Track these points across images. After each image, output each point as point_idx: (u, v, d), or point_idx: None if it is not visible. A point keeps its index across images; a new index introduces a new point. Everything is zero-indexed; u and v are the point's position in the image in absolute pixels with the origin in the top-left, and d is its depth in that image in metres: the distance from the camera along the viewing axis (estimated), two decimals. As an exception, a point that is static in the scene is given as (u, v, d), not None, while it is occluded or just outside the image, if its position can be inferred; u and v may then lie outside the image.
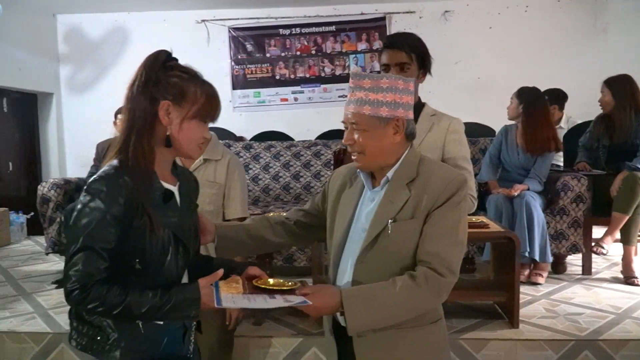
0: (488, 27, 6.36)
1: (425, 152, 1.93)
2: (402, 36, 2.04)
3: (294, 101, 6.48)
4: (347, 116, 1.39)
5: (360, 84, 1.37)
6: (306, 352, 2.57)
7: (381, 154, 1.39)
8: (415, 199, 1.36)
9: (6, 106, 5.95)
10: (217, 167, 2.15)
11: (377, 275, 1.35)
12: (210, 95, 1.34)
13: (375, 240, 1.37)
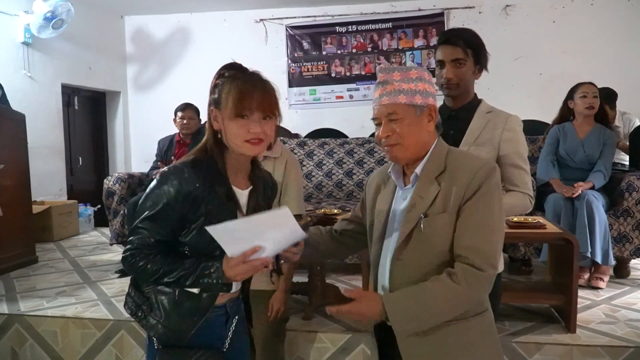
0: (551, 22, 6.13)
1: (480, 151, 1.89)
2: (458, 31, 2.01)
3: (349, 98, 6.49)
4: (381, 110, 1.40)
5: (390, 76, 1.40)
6: (354, 349, 2.58)
7: (417, 143, 1.40)
8: (445, 193, 1.36)
9: (77, 104, 6.30)
10: (276, 164, 2.19)
11: (415, 271, 1.36)
12: (239, 90, 1.32)
13: (409, 236, 1.37)
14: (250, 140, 1.32)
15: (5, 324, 2.87)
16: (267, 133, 1.34)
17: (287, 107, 6.55)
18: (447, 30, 2.08)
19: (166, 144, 4.14)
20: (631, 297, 3.10)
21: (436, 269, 1.35)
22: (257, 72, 1.37)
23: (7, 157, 3.73)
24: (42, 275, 3.69)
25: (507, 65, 6.07)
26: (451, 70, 1.91)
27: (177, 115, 4.08)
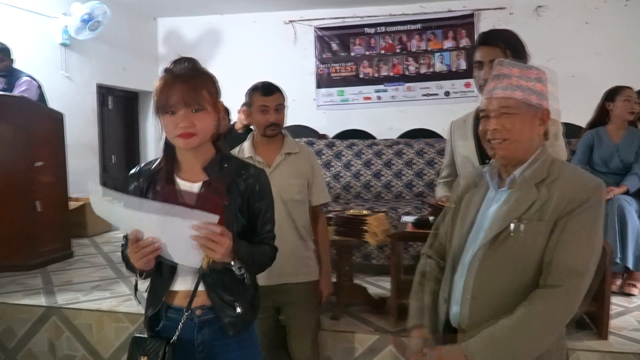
0: (584, 23, 6.03)
1: None
2: (497, 32, 2.00)
3: (377, 100, 6.50)
4: (493, 103, 1.36)
5: (508, 71, 1.36)
6: (382, 350, 2.59)
7: (525, 144, 1.35)
8: (544, 201, 1.30)
9: (111, 104, 6.46)
10: (298, 159, 2.25)
11: (495, 276, 1.31)
12: (160, 87, 1.34)
13: (494, 239, 1.32)
14: (180, 134, 1.32)
15: (44, 316, 2.97)
16: (197, 126, 1.32)
17: (315, 107, 6.59)
18: (486, 31, 2.07)
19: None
20: (665, 305, 3.04)
21: (519, 279, 1.29)
22: (189, 65, 1.37)
23: (46, 155, 3.86)
24: (78, 270, 3.81)
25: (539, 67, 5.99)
26: (481, 71, 1.92)
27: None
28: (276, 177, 2.16)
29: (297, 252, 2.23)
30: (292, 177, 2.20)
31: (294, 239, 2.21)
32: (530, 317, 1.25)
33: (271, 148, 2.25)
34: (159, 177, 1.40)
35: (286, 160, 2.23)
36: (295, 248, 2.22)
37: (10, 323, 3.01)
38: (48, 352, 2.96)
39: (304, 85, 6.52)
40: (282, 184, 2.16)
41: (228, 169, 1.42)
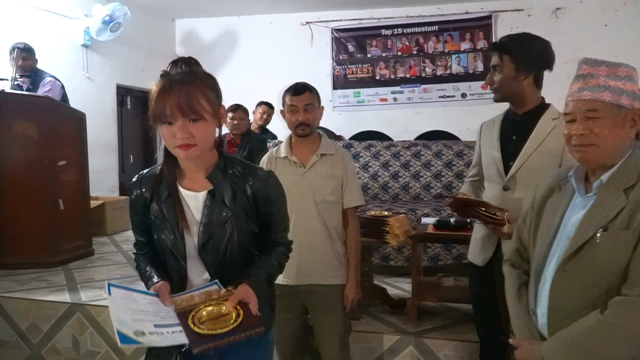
0: (603, 25, 6.00)
1: (542, 159, 1.87)
2: (502, 38, 2.02)
3: (393, 101, 6.50)
4: (578, 105, 1.29)
5: (595, 70, 1.29)
6: (403, 350, 2.60)
7: (614, 148, 1.27)
8: (633, 208, 1.22)
9: (130, 104, 6.54)
10: (333, 160, 2.23)
11: (580, 287, 1.26)
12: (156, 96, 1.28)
13: (580, 249, 1.26)
14: (179, 146, 1.26)
15: (68, 312, 3.02)
16: (197, 136, 1.26)
17: (330, 109, 6.61)
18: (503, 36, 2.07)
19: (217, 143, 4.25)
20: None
21: (605, 290, 1.23)
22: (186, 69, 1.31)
23: (68, 154, 3.92)
24: (99, 267, 3.86)
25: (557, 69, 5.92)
26: (490, 76, 1.95)
27: (228, 116, 4.18)
28: (310, 177, 2.19)
29: (326, 254, 2.21)
30: (326, 178, 2.20)
31: (324, 240, 2.20)
32: (606, 325, 1.19)
33: (307, 148, 2.24)
34: (162, 187, 1.37)
35: (321, 161, 2.22)
36: (325, 250, 2.21)
37: (35, 319, 3.06)
38: (72, 347, 3.01)
39: (320, 86, 6.36)
40: (315, 185, 2.18)
41: (233, 174, 1.36)
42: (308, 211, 2.19)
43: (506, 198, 1.93)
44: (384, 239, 2.68)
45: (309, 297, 2.24)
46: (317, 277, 2.20)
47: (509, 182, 1.93)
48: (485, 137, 2.11)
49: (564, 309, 1.28)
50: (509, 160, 1.95)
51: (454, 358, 2.53)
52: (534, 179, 1.88)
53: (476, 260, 2.06)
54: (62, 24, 5.16)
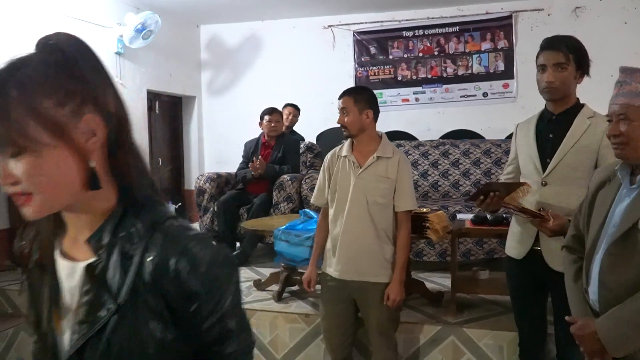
0: (623, 23, 6.05)
1: (579, 155, 1.98)
2: (560, 37, 2.10)
3: (415, 101, 6.61)
4: (614, 109, 1.46)
5: (630, 77, 1.44)
6: (445, 340, 2.74)
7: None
8: None
9: (158, 108, 6.72)
10: (389, 164, 2.35)
11: (626, 270, 1.41)
12: None
13: (625, 235, 1.40)
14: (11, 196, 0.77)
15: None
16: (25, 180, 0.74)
17: (354, 110, 6.74)
18: (550, 36, 2.17)
19: (252, 145, 4.41)
20: None
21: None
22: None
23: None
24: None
25: (577, 67, 6.05)
26: (552, 74, 1.99)
27: (265, 118, 4.33)
28: (365, 178, 2.32)
29: (374, 253, 2.33)
30: (379, 180, 2.32)
31: (372, 240, 2.32)
32: None
33: (366, 150, 2.37)
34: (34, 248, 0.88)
35: (377, 163, 2.34)
36: (373, 249, 2.33)
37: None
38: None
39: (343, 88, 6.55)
40: (368, 186, 2.31)
41: (126, 237, 0.80)
42: (359, 211, 2.32)
43: (545, 193, 2.03)
44: (425, 234, 2.81)
45: (357, 292, 2.38)
46: (363, 275, 2.34)
47: (547, 177, 2.04)
48: (522, 136, 2.22)
49: (613, 289, 1.44)
50: (546, 157, 2.05)
51: (494, 347, 2.66)
52: (570, 174, 2.01)
53: (514, 253, 2.16)
54: (98, 33, 5.34)
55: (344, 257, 2.36)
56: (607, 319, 1.43)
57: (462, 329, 2.71)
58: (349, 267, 2.36)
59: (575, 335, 1.52)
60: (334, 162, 2.44)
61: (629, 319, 1.39)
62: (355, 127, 2.37)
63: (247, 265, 3.97)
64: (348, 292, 2.39)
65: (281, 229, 3.00)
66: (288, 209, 3.98)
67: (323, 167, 2.49)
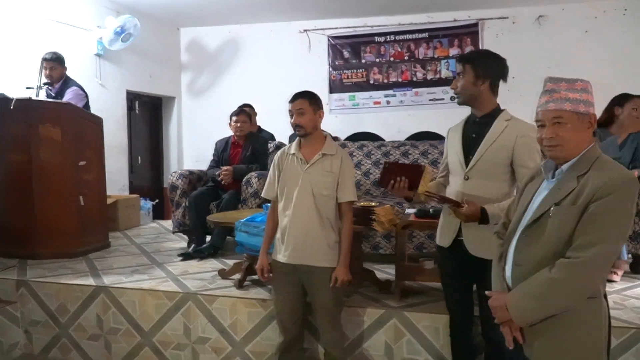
0: (584, 31, 6.35)
1: (496, 153, 2.25)
2: (470, 52, 2.43)
3: (386, 104, 6.90)
4: (546, 114, 1.63)
5: (557, 86, 1.63)
6: (387, 322, 2.98)
7: (573, 146, 1.60)
8: (580, 190, 1.54)
9: (138, 109, 6.94)
10: (332, 160, 2.60)
11: (535, 249, 1.62)
12: None
13: (538, 219, 1.62)
14: None
15: (93, 294, 3.41)
16: None
17: (327, 112, 7.00)
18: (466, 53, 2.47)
19: (222, 145, 4.64)
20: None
21: (554, 252, 1.57)
22: None
23: (88, 155, 4.31)
24: (117, 257, 4.25)
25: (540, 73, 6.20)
26: (454, 82, 2.33)
27: (232, 119, 4.56)
28: (311, 173, 2.58)
29: (319, 240, 2.58)
30: (323, 175, 2.57)
31: (318, 228, 2.57)
32: (553, 280, 1.52)
33: (312, 148, 2.62)
34: None
35: (322, 159, 2.59)
36: (318, 236, 2.57)
37: (64, 300, 3.45)
38: (96, 325, 3.40)
39: (318, 90, 6.61)
40: (314, 179, 2.56)
41: None
42: (306, 202, 2.57)
43: (466, 186, 2.30)
44: (371, 226, 3.06)
45: (304, 275, 2.62)
46: (310, 260, 2.58)
47: (469, 172, 2.30)
48: (452, 137, 2.48)
49: (522, 265, 1.66)
50: (469, 154, 2.32)
51: (431, 328, 2.91)
52: (489, 169, 2.29)
53: (442, 242, 2.43)
54: (78, 35, 5.55)
55: (292, 244, 2.61)
56: (515, 292, 1.66)
57: (403, 313, 2.96)
58: (297, 253, 2.60)
59: (490, 307, 1.74)
60: (283, 160, 2.69)
61: (532, 292, 1.59)
62: (310, 125, 2.62)
63: (216, 257, 4.21)
64: (297, 277, 2.64)
65: (242, 221, 3.24)
66: (255, 204, 4.21)
67: (273, 164, 2.73)
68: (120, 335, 3.36)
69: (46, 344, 3.51)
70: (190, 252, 4.20)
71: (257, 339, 3.15)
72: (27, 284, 3.54)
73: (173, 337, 3.27)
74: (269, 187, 2.74)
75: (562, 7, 6.39)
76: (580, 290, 1.55)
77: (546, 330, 1.61)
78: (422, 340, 2.92)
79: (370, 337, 3.00)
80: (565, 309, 1.57)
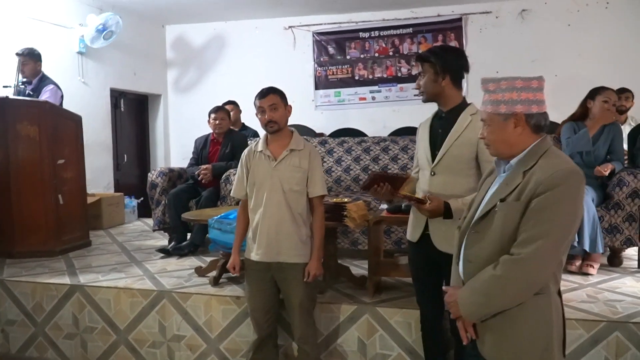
0: (567, 25, 6.37)
1: (461, 148, 2.25)
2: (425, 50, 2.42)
3: (371, 100, 6.90)
4: (482, 115, 1.70)
5: (485, 88, 1.67)
6: (360, 318, 2.99)
7: (503, 145, 1.63)
8: (524, 184, 1.54)
9: (123, 106, 6.92)
10: (301, 155, 2.60)
11: (483, 244, 1.63)
12: None
13: (486, 215, 1.63)
14: None
15: (69, 293, 3.41)
16: None
17: (313, 108, 7.01)
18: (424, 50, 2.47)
19: (202, 142, 4.64)
20: (618, 283, 3.34)
21: (500, 248, 1.58)
22: None
23: (67, 153, 4.31)
24: (96, 256, 4.25)
25: (524, 67, 6.31)
26: (417, 82, 2.35)
27: (210, 117, 4.55)
28: (280, 169, 2.57)
29: (291, 236, 2.58)
30: (293, 170, 2.56)
31: (289, 224, 2.57)
32: (497, 277, 1.53)
33: (279, 144, 2.61)
34: None
35: (290, 155, 2.58)
36: (290, 232, 2.57)
37: (40, 299, 3.46)
38: (72, 324, 3.40)
39: (303, 86, 6.95)
40: (283, 176, 2.55)
41: None
42: (277, 198, 2.57)
43: (433, 181, 2.30)
44: (343, 221, 3.06)
45: (277, 272, 2.62)
46: (283, 256, 2.58)
47: (435, 168, 2.30)
48: (421, 132, 2.48)
49: (473, 261, 1.66)
50: (435, 150, 2.31)
51: (403, 324, 2.92)
52: (455, 165, 2.28)
53: (411, 237, 2.43)
54: (59, 33, 5.53)
55: (264, 242, 2.61)
56: (464, 289, 1.67)
57: (375, 309, 2.97)
58: (269, 250, 2.60)
59: (445, 302, 1.76)
60: (251, 158, 2.68)
61: (478, 289, 1.60)
62: (283, 121, 2.61)
63: (195, 255, 4.21)
64: (270, 274, 2.64)
65: (215, 218, 3.24)
66: (234, 201, 4.21)
67: (241, 162, 2.73)
68: (96, 334, 3.37)
69: (23, 343, 3.51)
70: (169, 249, 4.19)
71: (232, 336, 3.15)
72: (3, 283, 3.54)
73: (148, 335, 3.28)
74: (238, 187, 2.74)
75: (544, 1, 6.40)
76: (524, 287, 1.54)
77: (495, 326, 1.62)
78: (394, 335, 2.93)
79: (344, 332, 3.01)
80: (511, 305, 1.57)
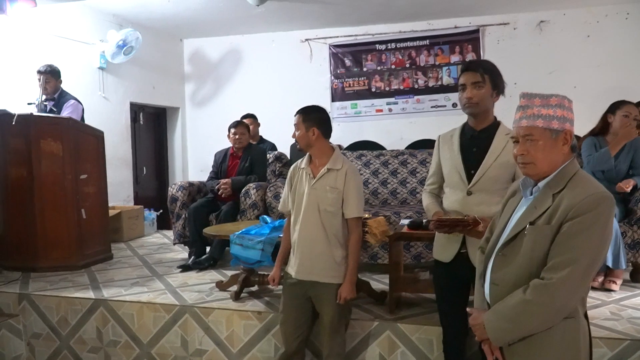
0: (586, 36, 6.33)
1: (499, 170, 2.23)
2: (477, 61, 2.38)
3: (388, 112, 6.91)
4: (519, 131, 1.62)
5: (531, 102, 1.60)
6: (381, 335, 2.99)
7: (549, 164, 1.59)
8: (555, 208, 1.52)
9: (142, 120, 7.01)
10: (338, 175, 2.58)
11: (512, 268, 1.60)
12: None
13: (514, 238, 1.60)
14: None
15: (93, 307, 3.46)
16: None
17: (330, 120, 7.03)
18: (469, 60, 2.43)
19: (221, 156, 4.69)
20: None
21: (529, 272, 1.56)
22: None
23: (89, 168, 4.38)
24: (118, 269, 4.30)
25: (542, 79, 6.31)
26: (471, 91, 2.23)
27: (230, 131, 4.60)
28: (317, 188, 2.58)
29: (325, 256, 2.58)
30: (328, 190, 2.55)
31: (323, 244, 2.57)
32: (526, 302, 1.52)
33: (320, 162, 2.61)
34: None
35: (327, 174, 2.58)
36: (324, 252, 2.57)
37: (65, 313, 3.51)
38: (96, 338, 3.45)
39: (320, 99, 6.95)
40: (319, 195, 2.56)
41: None
42: (313, 218, 2.58)
43: (469, 201, 2.28)
44: (364, 238, 3.07)
45: (311, 290, 2.63)
46: (315, 275, 2.59)
47: (472, 188, 2.27)
48: (445, 149, 2.43)
49: (500, 284, 1.65)
50: (470, 169, 2.29)
51: (425, 340, 2.91)
52: (492, 186, 2.26)
53: (441, 257, 2.37)
54: (81, 50, 5.64)
55: (300, 259, 2.63)
56: (490, 312, 1.66)
57: (396, 325, 2.97)
58: (304, 269, 2.62)
59: (470, 325, 1.75)
60: (295, 174, 2.71)
61: (506, 313, 1.58)
62: (302, 141, 2.64)
63: (215, 269, 4.24)
64: (305, 290, 2.65)
65: (236, 234, 3.27)
66: (254, 215, 4.25)
67: (287, 178, 2.77)
68: (120, 348, 3.40)
69: (48, 357, 3.56)
70: (189, 263, 4.23)
71: (253, 351, 3.17)
72: (29, 297, 3.60)
73: (171, 350, 3.30)
74: (283, 202, 2.80)
75: (563, 12, 6.37)
76: (554, 312, 1.53)
77: (523, 350, 1.61)
78: (416, 352, 2.92)
79: (365, 349, 3.01)
80: (540, 329, 1.56)
